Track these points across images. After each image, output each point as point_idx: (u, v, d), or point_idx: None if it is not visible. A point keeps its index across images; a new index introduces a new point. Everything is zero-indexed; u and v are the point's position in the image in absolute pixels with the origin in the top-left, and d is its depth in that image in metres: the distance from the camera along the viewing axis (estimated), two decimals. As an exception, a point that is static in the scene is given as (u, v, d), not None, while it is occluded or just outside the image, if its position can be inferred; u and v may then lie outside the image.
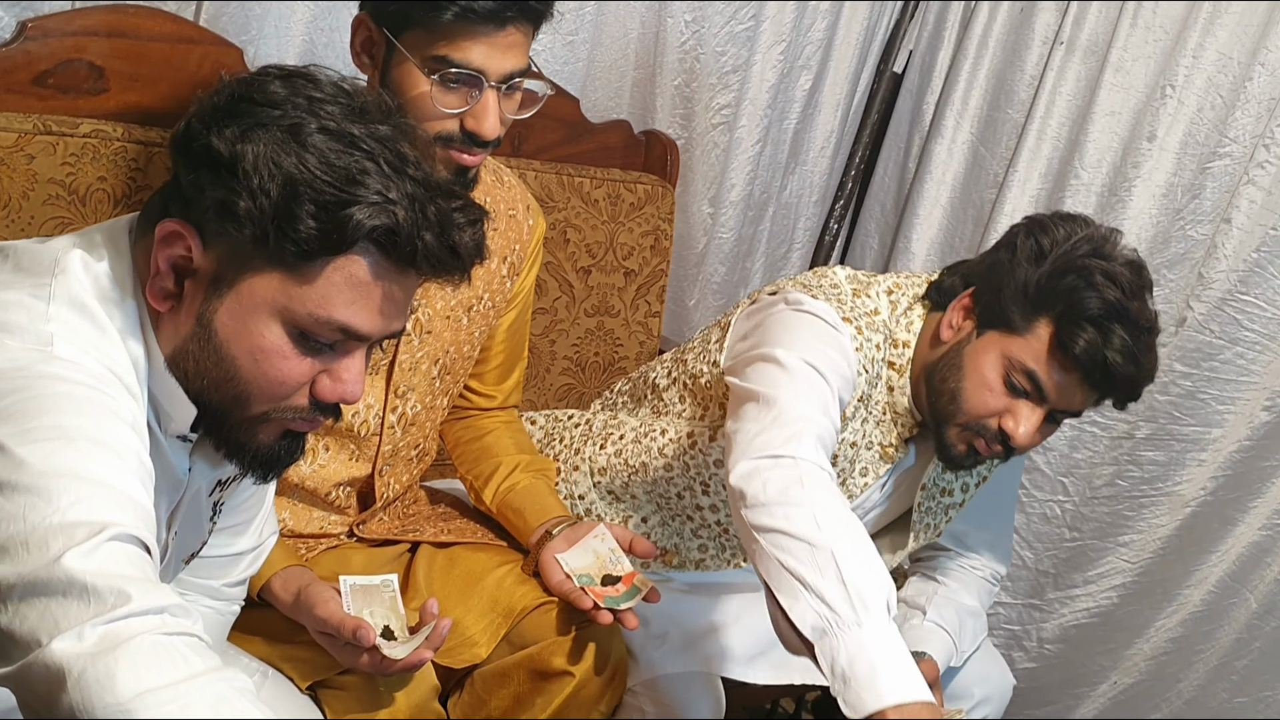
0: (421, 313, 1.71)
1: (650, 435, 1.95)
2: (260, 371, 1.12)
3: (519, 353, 1.95)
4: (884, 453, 1.84)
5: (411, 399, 1.75)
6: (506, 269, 1.81)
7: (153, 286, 1.12)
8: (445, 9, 1.45)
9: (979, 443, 1.73)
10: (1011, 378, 1.69)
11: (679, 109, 2.74)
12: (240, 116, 1.08)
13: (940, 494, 1.95)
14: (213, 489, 1.32)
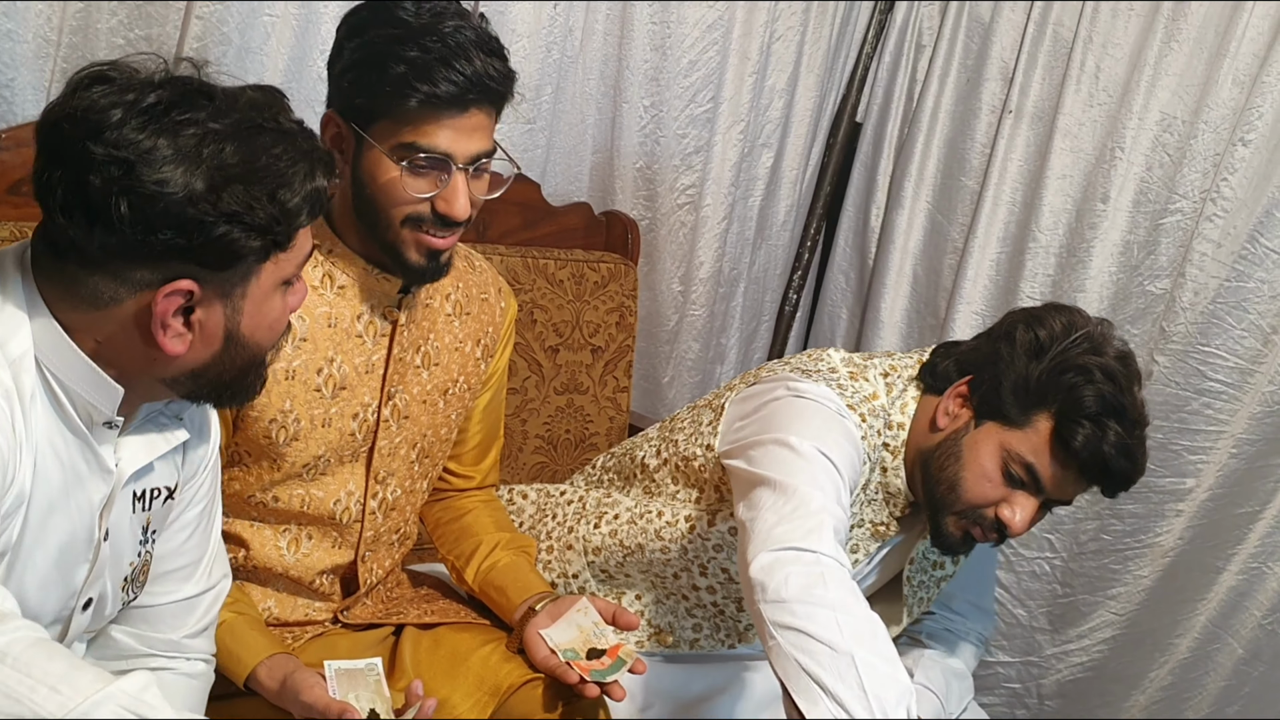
0: (399, 399, 1.75)
1: (646, 517, 1.98)
2: (274, 335, 1.32)
3: (495, 432, 2.00)
4: (875, 530, 1.87)
5: (391, 484, 1.79)
6: (480, 351, 1.87)
7: (166, 342, 1.21)
8: (410, 97, 1.51)
9: (975, 530, 1.77)
10: (1010, 469, 1.73)
11: (642, 190, 2.82)
12: (166, 159, 1.17)
13: (931, 566, 1.98)
14: (135, 501, 1.35)
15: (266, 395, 1.62)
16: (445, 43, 1.52)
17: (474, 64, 1.52)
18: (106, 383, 1.24)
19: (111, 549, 1.34)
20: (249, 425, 1.64)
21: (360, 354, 1.70)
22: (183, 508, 1.45)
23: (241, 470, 1.68)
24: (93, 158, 1.14)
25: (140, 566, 1.40)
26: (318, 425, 1.68)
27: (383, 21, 1.55)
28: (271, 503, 1.70)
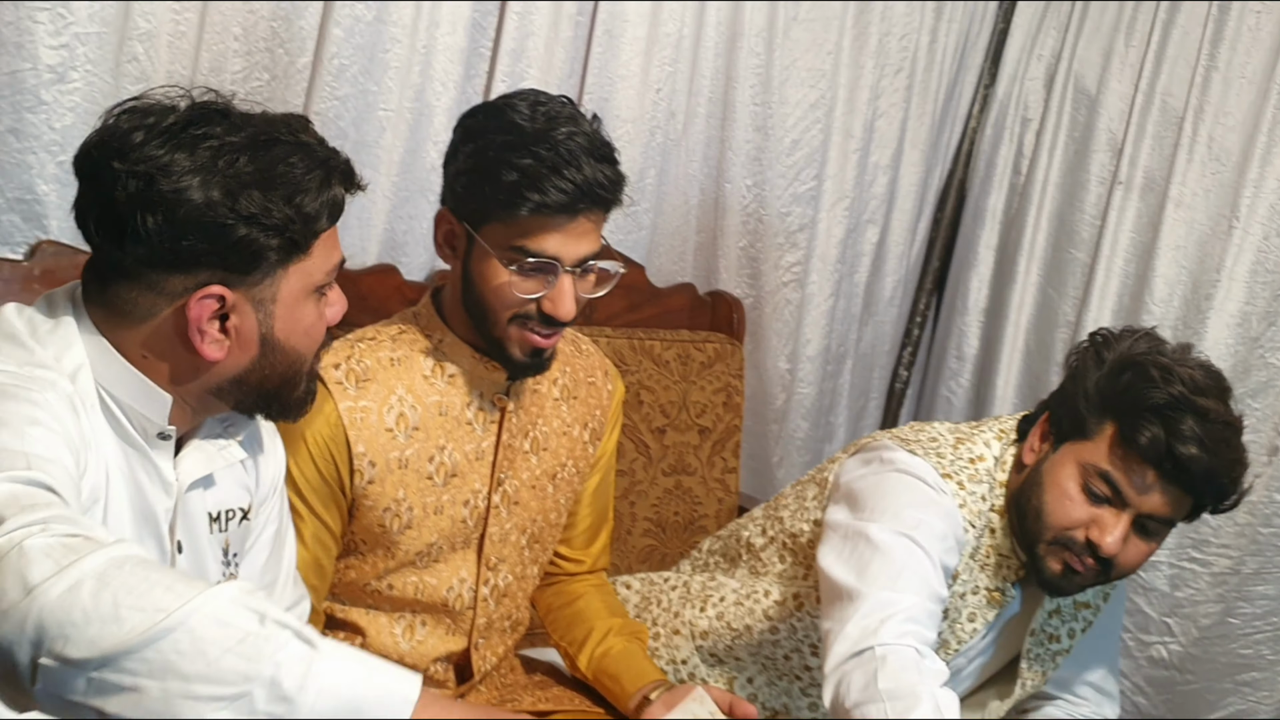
0: (508, 484, 1.78)
1: (753, 597, 1.97)
2: (312, 340, 1.37)
3: (605, 515, 2.01)
4: (990, 597, 1.84)
5: (503, 570, 1.81)
6: (589, 435, 1.89)
7: (205, 348, 1.29)
8: (521, 205, 1.56)
9: (1071, 559, 1.73)
10: (1090, 485, 1.71)
11: (746, 269, 2.84)
12: (196, 172, 1.26)
13: (1048, 640, 1.94)
14: (211, 523, 1.41)
15: (380, 485, 1.66)
16: (557, 151, 1.56)
17: (584, 172, 1.56)
18: (155, 390, 1.31)
19: (191, 566, 1.39)
20: (364, 514, 1.68)
21: (470, 441, 1.74)
22: (259, 531, 1.52)
23: (357, 559, 1.72)
24: (117, 175, 1.23)
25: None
26: (430, 513, 1.71)
27: (497, 127, 1.60)
28: (386, 590, 1.73)
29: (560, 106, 1.62)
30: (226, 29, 2.07)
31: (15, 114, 1.92)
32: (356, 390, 1.66)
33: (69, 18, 1.90)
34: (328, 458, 1.63)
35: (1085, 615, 1.95)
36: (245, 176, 1.26)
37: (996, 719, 1.98)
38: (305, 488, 1.64)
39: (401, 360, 1.70)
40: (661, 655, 2.02)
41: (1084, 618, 1.95)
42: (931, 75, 2.98)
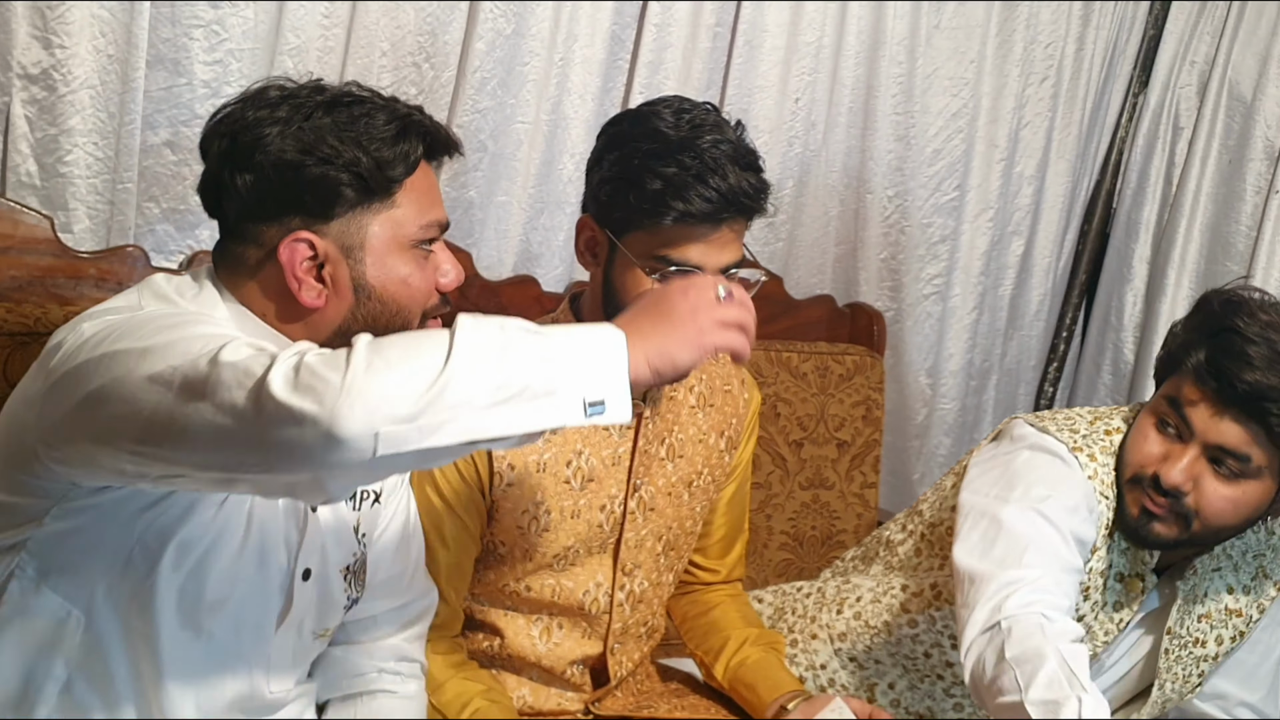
0: (644, 490, 1.79)
1: (890, 593, 1.97)
2: (411, 292, 1.39)
3: (740, 526, 2.01)
4: (1130, 584, 1.83)
5: (638, 576, 1.82)
6: (725, 443, 1.88)
7: (303, 295, 1.35)
8: (666, 214, 1.56)
9: (1144, 498, 1.75)
10: (1162, 417, 1.75)
11: (886, 281, 2.81)
12: (273, 135, 1.33)
13: (1193, 644, 1.89)
14: (346, 500, 1.47)
15: (519, 488, 1.69)
16: (702, 159, 1.56)
17: (729, 180, 1.56)
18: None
19: (325, 531, 1.45)
20: (503, 517, 1.70)
21: (607, 447, 1.75)
22: (388, 519, 1.57)
23: (496, 561, 1.75)
24: (212, 139, 1.36)
25: (359, 563, 1.51)
26: (567, 517, 1.73)
27: (641, 134, 1.61)
28: (524, 592, 1.76)
29: (705, 114, 1.62)
30: (373, 44, 2.13)
31: (171, 128, 2.00)
32: None
33: (223, 34, 1.98)
34: (469, 461, 1.66)
35: (1236, 623, 1.90)
36: (322, 127, 1.33)
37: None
38: (448, 490, 1.67)
39: None
40: (800, 662, 2.01)
41: (1235, 625, 1.90)
42: (1079, 83, 2.92)
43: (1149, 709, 1.92)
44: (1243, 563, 1.89)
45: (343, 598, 1.50)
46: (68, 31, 1.86)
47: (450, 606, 1.71)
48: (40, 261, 1.90)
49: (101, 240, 1.99)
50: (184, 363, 1.13)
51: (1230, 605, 1.88)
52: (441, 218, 1.41)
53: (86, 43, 1.88)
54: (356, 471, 1.10)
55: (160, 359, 1.16)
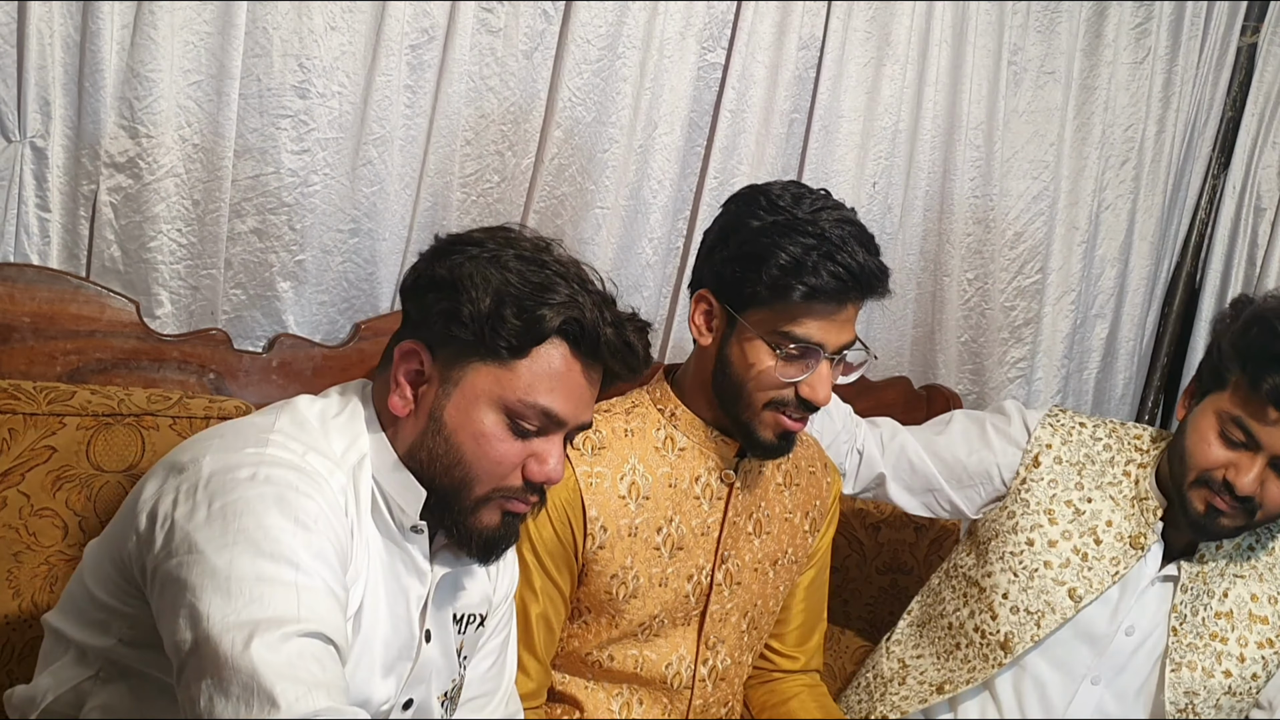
0: (732, 563, 1.83)
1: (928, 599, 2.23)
2: (482, 453, 1.39)
3: (819, 613, 2.03)
4: (1132, 541, 2.01)
5: (721, 651, 1.85)
6: (808, 524, 1.91)
7: (394, 398, 1.41)
8: (794, 289, 1.63)
9: (1212, 498, 1.93)
10: (1225, 431, 1.91)
11: (967, 364, 2.82)
12: (452, 253, 1.41)
13: (1209, 636, 2.01)
14: (454, 623, 1.50)
15: (610, 550, 1.74)
16: (828, 236, 1.63)
17: (857, 259, 1.64)
18: (413, 484, 1.41)
19: (436, 657, 1.48)
20: (593, 579, 1.75)
21: (697, 516, 1.79)
22: (489, 635, 1.61)
23: (581, 627, 1.79)
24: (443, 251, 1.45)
25: (458, 686, 1.55)
26: (655, 584, 1.77)
27: (768, 209, 1.68)
28: (607, 661, 1.79)
29: (823, 197, 1.70)
30: (455, 133, 2.19)
31: (259, 215, 2.07)
32: (593, 457, 1.75)
33: (310, 124, 2.06)
34: (564, 520, 1.71)
35: (1263, 630, 2.02)
36: (496, 268, 1.38)
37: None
38: (540, 548, 1.72)
39: (634, 432, 1.78)
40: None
41: (1261, 632, 2.02)
42: (1159, 165, 2.94)
43: (1169, 690, 2.00)
44: (1269, 575, 2.05)
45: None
46: (154, 121, 1.94)
47: (539, 663, 1.75)
48: (125, 344, 1.97)
49: (185, 325, 2.05)
50: (225, 625, 1.16)
51: (1255, 611, 2.02)
52: (560, 411, 1.40)
53: (172, 132, 1.96)
54: None
55: (217, 586, 1.19)
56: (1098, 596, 2.00)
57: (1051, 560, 2.02)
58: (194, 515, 1.26)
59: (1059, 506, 2.05)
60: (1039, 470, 2.08)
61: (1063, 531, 2.03)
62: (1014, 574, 2.04)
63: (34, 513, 1.84)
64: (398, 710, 1.46)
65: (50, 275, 1.92)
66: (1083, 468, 2.08)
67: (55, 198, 1.94)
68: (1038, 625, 2.01)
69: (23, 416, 1.82)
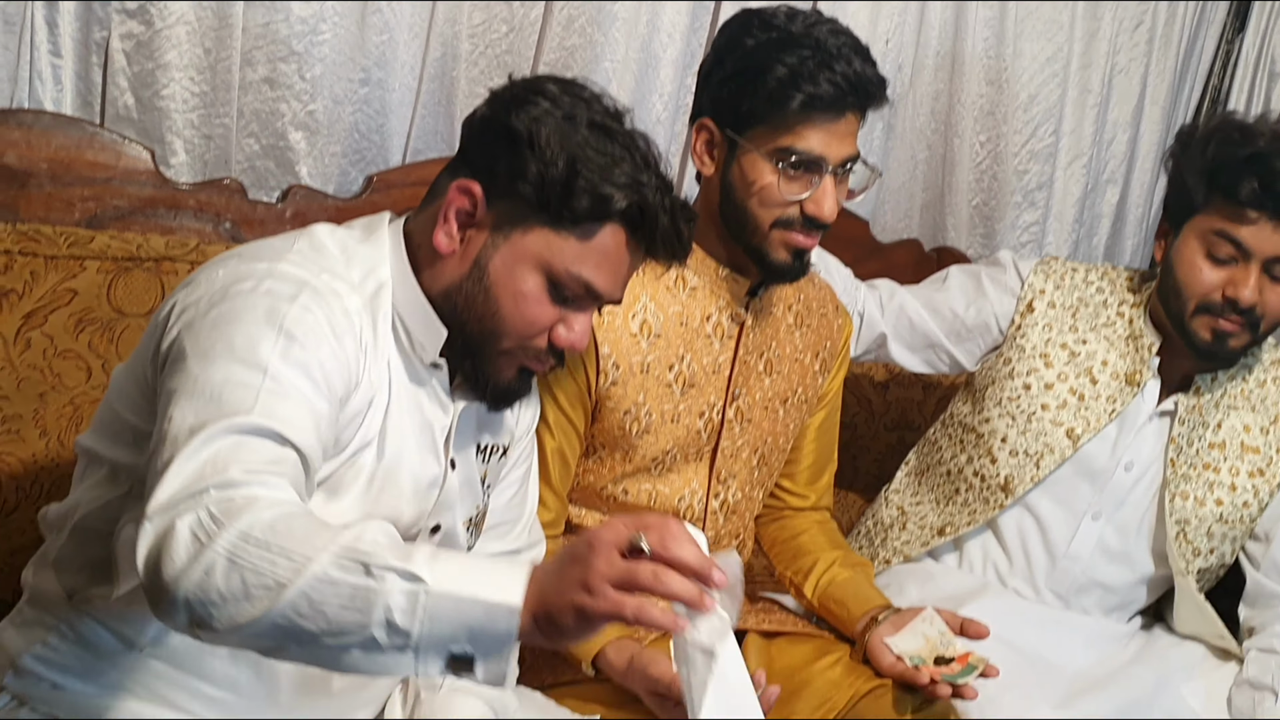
0: (742, 400, 1.88)
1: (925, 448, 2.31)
2: (518, 312, 1.42)
3: (829, 455, 2.08)
4: (1129, 377, 2.07)
5: (732, 486, 1.90)
6: (819, 365, 1.95)
7: (439, 234, 1.42)
8: (792, 99, 1.65)
9: (1216, 322, 1.99)
10: (1212, 250, 1.97)
11: (979, 228, 2.84)
12: (527, 104, 1.41)
13: (1202, 466, 2.07)
14: (477, 453, 1.55)
15: (623, 387, 1.78)
16: (824, 47, 1.66)
17: (853, 66, 1.66)
18: (434, 322, 1.44)
19: (459, 485, 1.53)
20: (606, 415, 1.79)
21: (708, 354, 1.83)
22: (511, 466, 1.65)
23: (595, 462, 1.84)
24: (512, 93, 1.45)
25: (481, 513, 1.60)
26: (667, 420, 1.81)
27: (761, 28, 1.70)
28: (621, 495, 1.84)
29: (817, 13, 1.74)
30: (464, -15, 2.19)
31: (269, 64, 2.09)
32: None
33: (319, -31, 2.05)
34: (577, 357, 1.75)
35: (1254, 460, 2.09)
36: (570, 132, 1.39)
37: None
38: (555, 385, 1.76)
39: (645, 271, 1.81)
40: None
41: (1252, 461, 2.09)
42: (1173, 29, 2.92)
43: (1168, 520, 2.06)
44: (1261, 407, 2.11)
45: (463, 547, 1.58)
46: (164, -32, 1.95)
47: (556, 496, 1.80)
48: (141, 192, 2.00)
49: (199, 174, 2.07)
50: (181, 428, 1.19)
51: (1246, 441, 2.09)
52: (600, 286, 1.42)
53: (182, -22, 1.97)
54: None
55: (190, 390, 1.23)
56: (1095, 434, 2.06)
57: (1049, 403, 2.07)
58: (191, 325, 1.30)
59: (1054, 350, 2.10)
60: (1033, 316, 2.13)
61: (1059, 374, 2.08)
62: (1011, 418, 2.09)
63: (57, 354, 1.88)
64: (425, 535, 1.51)
65: (66, 121, 1.94)
66: (1076, 310, 2.13)
67: (67, 44, 1.95)
68: (1037, 466, 2.07)
69: (43, 259, 1.86)
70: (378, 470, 1.42)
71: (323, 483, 1.37)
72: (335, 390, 1.32)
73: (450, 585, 1.07)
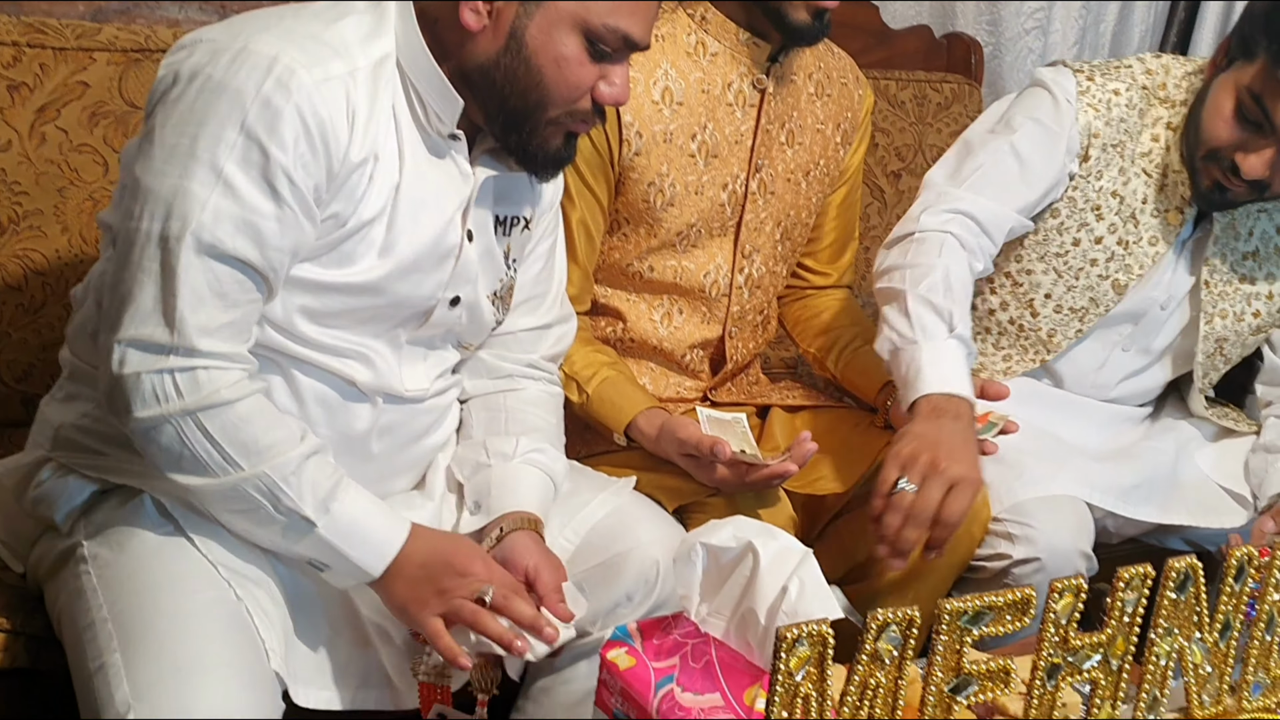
0: (765, 172, 1.89)
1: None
2: (561, 77, 1.42)
3: (850, 232, 2.11)
4: (1167, 218, 1.99)
5: (756, 260, 1.93)
6: (840, 137, 1.98)
7: (466, 12, 1.39)
8: None
9: (1220, 176, 1.88)
10: (1242, 107, 1.83)
11: (985, 15, 2.83)
12: None
13: (1238, 280, 2.03)
14: (496, 225, 1.57)
15: (646, 158, 1.79)
16: None
17: None
18: (449, 91, 1.43)
19: (479, 258, 1.54)
20: (630, 188, 1.81)
21: (730, 123, 1.84)
22: (536, 240, 1.65)
23: (620, 239, 1.86)
24: None
25: (507, 286, 1.61)
26: (691, 192, 1.83)
27: None
28: (648, 272, 1.88)
29: None
30: None
31: None
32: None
33: None
34: (599, 129, 1.74)
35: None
36: None
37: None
38: (579, 158, 1.74)
39: (665, 37, 1.81)
40: None
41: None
42: None
43: (1201, 343, 2.05)
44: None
45: (490, 320, 1.60)
46: None
47: (580, 269, 1.82)
48: (146, -17, 1.97)
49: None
50: (140, 224, 1.30)
51: (1279, 244, 2.04)
52: (636, 34, 1.42)
53: None
54: None
55: (149, 187, 1.30)
56: (1140, 282, 1.99)
57: (1098, 258, 1.98)
58: (165, 106, 1.32)
59: (1105, 199, 1.97)
60: (1089, 164, 1.96)
61: (1109, 225, 1.97)
62: (1057, 274, 2.00)
63: (73, 149, 1.89)
64: (443, 307, 1.52)
65: (64, -90, 1.92)
66: (1122, 146, 1.97)
67: None
68: (1081, 321, 2.02)
69: (52, 51, 1.85)
70: (388, 241, 1.43)
71: (330, 253, 1.40)
72: (303, 186, 1.33)
73: (332, 537, 1.36)
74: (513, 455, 1.58)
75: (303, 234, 1.36)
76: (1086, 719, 1.26)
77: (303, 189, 1.33)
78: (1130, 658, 1.25)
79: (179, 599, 1.33)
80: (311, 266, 1.39)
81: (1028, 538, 1.79)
